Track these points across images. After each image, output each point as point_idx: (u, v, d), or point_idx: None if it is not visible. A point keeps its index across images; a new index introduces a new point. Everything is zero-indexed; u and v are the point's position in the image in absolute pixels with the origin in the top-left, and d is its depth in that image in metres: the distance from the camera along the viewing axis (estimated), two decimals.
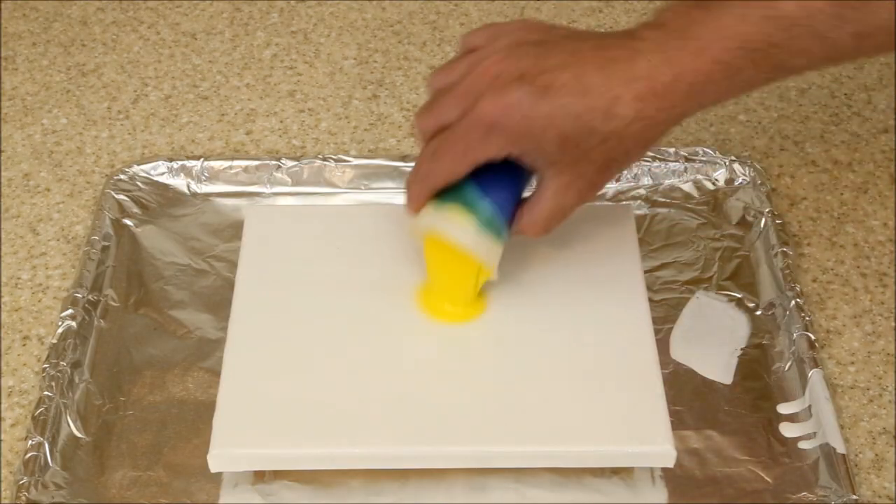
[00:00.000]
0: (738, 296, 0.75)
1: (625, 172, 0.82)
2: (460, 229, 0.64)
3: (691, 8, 0.60)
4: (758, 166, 0.83)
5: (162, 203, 0.82)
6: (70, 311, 0.73)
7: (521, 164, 0.63)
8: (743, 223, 0.80)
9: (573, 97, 0.59)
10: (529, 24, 0.66)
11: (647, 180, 0.82)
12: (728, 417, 0.69)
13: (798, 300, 0.73)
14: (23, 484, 0.64)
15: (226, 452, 0.63)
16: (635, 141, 0.61)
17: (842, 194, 0.83)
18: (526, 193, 0.66)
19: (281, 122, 0.89)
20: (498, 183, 0.64)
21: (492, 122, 0.60)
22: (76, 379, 0.70)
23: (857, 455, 0.68)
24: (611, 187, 0.82)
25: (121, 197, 0.81)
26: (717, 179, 0.83)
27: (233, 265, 0.74)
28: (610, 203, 0.81)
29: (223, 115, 0.89)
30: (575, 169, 0.62)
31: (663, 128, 0.62)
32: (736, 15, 0.59)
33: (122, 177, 0.82)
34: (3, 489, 0.66)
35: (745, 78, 0.60)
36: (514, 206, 0.65)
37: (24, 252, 0.79)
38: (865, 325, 0.74)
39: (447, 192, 0.65)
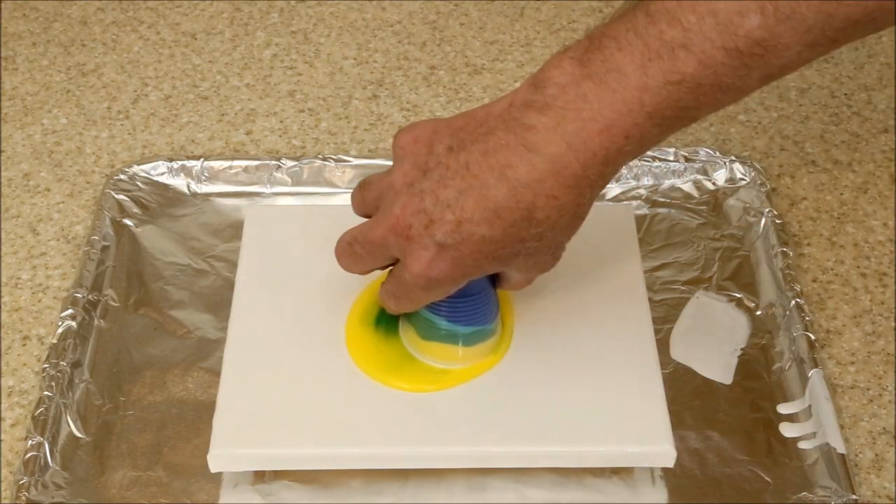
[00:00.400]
0: (738, 296, 0.75)
1: (624, 172, 0.82)
2: (452, 362, 0.66)
3: (579, 79, 0.56)
4: (758, 166, 0.83)
5: (162, 203, 0.82)
6: (70, 311, 0.73)
7: None
8: (743, 223, 0.80)
9: (488, 224, 0.57)
10: (415, 137, 0.60)
11: (647, 180, 0.82)
12: (728, 417, 0.69)
13: (798, 300, 0.73)
14: (23, 484, 0.64)
15: (226, 452, 0.63)
16: (571, 223, 0.59)
17: (842, 194, 0.83)
18: None
19: (281, 122, 0.89)
20: (463, 295, 0.63)
21: (426, 280, 0.59)
22: (76, 379, 0.70)
23: (857, 455, 0.68)
24: (611, 187, 0.82)
25: (121, 197, 0.81)
26: (717, 179, 0.82)
27: (233, 265, 0.74)
28: (610, 203, 0.81)
29: (223, 115, 0.89)
30: (527, 262, 0.60)
31: (591, 200, 0.59)
32: (635, 85, 0.55)
33: (122, 177, 0.82)
34: (3, 489, 0.66)
35: (657, 140, 0.57)
36: (488, 284, 0.65)
37: (24, 252, 0.79)
38: (865, 325, 0.74)
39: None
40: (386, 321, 0.68)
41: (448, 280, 0.59)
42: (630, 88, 0.55)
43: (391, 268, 0.63)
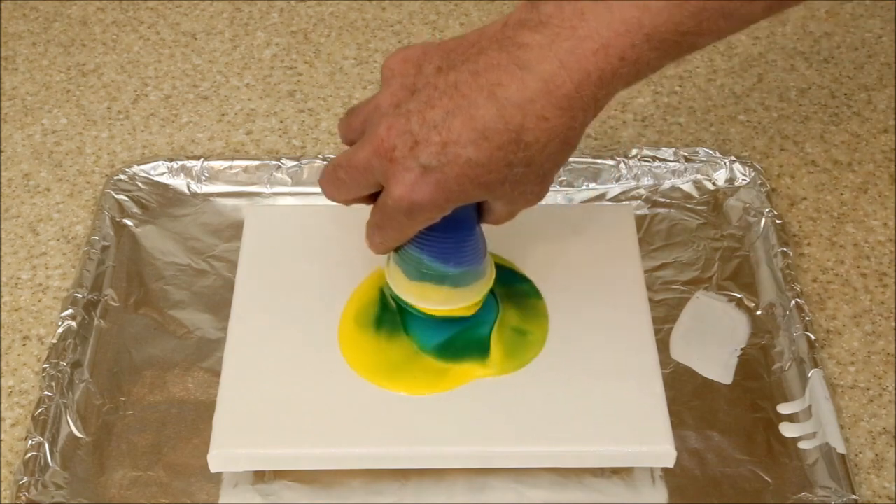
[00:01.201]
0: (738, 296, 0.75)
1: (624, 172, 0.82)
2: (441, 303, 0.64)
3: None
4: (758, 166, 0.83)
5: (162, 203, 0.82)
6: (70, 311, 0.73)
7: None
8: (743, 223, 0.80)
9: (474, 146, 0.55)
10: (405, 57, 0.59)
11: (647, 180, 0.82)
12: (728, 417, 0.69)
13: (798, 300, 0.73)
14: (23, 484, 0.64)
15: (226, 452, 0.63)
16: (560, 149, 0.57)
17: (842, 194, 0.83)
18: None
19: (281, 122, 0.89)
20: (449, 231, 0.62)
21: (409, 205, 0.57)
22: (76, 379, 0.70)
23: (857, 455, 0.68)
24: (611, 187, 0.82)
25: (121, 197, 0.81)
26: (717, 179, 0.82)
27: (233, 265, 0.74)
28: (610, 203, 0.81)
29: (223, 115, 0.89)
30: (514, 191, 0.58)
31: (583, 126, 0.57)
32: (635, 4, 0.53)
33: (122, 177, 0.82)
34: (3, 489, 0.66)
35: (654, 66, 0.55)
36: (475, 222, 0.63)
37: (24, 252, 0.79)
38: (865, 325, 0.74)
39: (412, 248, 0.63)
40: (388, 322, 0.67)
41: (431, 205, 0.57)
42: (629, 7, 0.53)
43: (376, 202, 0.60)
